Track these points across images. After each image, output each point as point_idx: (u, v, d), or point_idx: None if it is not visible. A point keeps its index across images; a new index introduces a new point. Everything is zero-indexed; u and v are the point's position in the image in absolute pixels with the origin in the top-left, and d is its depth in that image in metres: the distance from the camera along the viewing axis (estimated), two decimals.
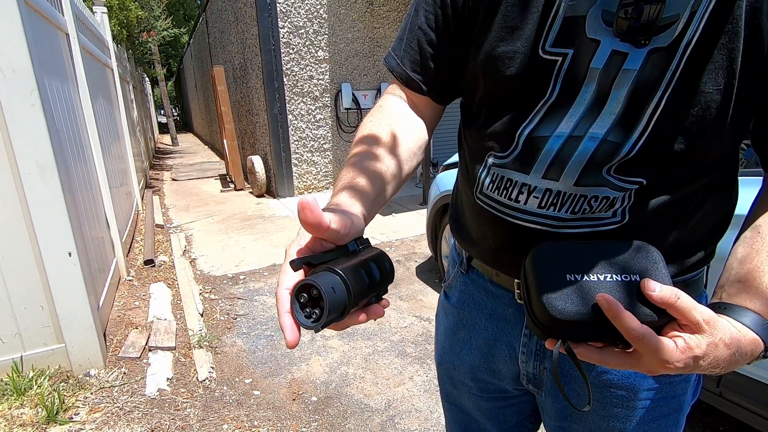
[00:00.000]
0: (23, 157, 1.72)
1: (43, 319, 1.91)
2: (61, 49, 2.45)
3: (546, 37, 0.49)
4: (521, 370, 0.64)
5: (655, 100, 0.46)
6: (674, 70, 0.45)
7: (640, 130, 0.47)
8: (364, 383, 2.01)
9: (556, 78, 0.49)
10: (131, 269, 3.20)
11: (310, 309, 0.40)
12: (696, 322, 0.40)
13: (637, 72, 0.46)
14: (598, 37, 0.47)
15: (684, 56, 0.44)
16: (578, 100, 0.49)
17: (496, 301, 0.65)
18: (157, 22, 11.44)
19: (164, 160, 10.52)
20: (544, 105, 0.51)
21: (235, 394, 1.94)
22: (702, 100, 0.45)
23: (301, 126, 5.69)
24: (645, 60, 0.45)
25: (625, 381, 0.58)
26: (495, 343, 0.66)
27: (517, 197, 0.55)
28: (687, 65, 0.44)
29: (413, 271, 3.27)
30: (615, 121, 0.48)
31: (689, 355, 0.39)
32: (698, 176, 0.51)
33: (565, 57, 0.49)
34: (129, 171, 4.64)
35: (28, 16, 1.74)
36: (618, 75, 0.46)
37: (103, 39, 4.22)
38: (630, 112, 0.47)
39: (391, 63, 0.63)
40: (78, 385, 1.91)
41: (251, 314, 2.68)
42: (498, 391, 0.70)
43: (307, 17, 5.36)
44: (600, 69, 0.47)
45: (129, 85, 6.72)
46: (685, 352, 0.39)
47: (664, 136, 0.47)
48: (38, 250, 1.82)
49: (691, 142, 0.47)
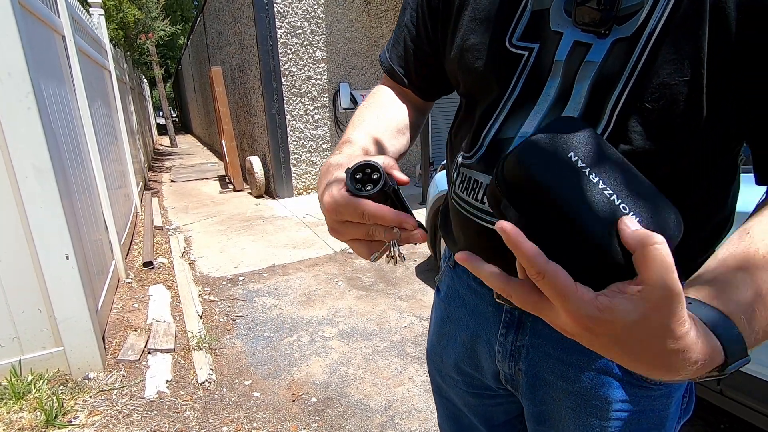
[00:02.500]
0: (20, 160, 1.71)
1: (41, 323, 1.90)
2: (58, 51, 2.45)
3: (513, 31, 0.48)
4: (499, 369, 0.64)
5: (616, 93, 0.43)
6: (636, 61, 0.42)
7: (602, 127, 0.44)
8: (364, 384, 2.01)
9: (521, 73, 0.48)
10: (130, 271, 3.19)
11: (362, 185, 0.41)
12: (655, 284, 0.28)
13: (599, 64, 0.44)
14: (560, 29, 0.46)
15: (647, 46, 0.41)
16: (542, 97, 0.47)
17: (477, 297, 0.66)
18: (155, 23, 11.42)
19: (163, 162, 10.51)
20: (507, 102, 0.50)
21: (235, 396, 1.94)
22: (667, 93, 0.41)
23: (299, 126, 5.69)
24: (608, 52, 0.43)
25: (600, 391, 0.55)
26: (476, 339, 0.66)
27: (482, 198, 0.53)
28: (650, 56, 0.41)
29: (413, 271, 3.26)
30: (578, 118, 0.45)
31: (606, 317, 0.29)
32: (684, 178, 0.46)
33: (531, 51, 0.48)
34: (127, 173, 4.64)
35: (23, 18, 1.73)
36: (580, 67, 0.45)
37: (100, 41, 4.21)
38: (592, 108, 0.45)
39: (381, 57, 0.68)
40: (77, 388, 1.91)
41: (250, 315, 2.68)
42: (483, 387, 0.70)
43: (305, 17, 5.35)
44: (563, 61, 0.45)
45: (127, 87, 6.71)
46: (603, 311, 0.29)
47: (629, 133, 0.44)
48: (35, 253, 1.81)
49: (660, 140, 0.43)
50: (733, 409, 1.41)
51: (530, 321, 0.59)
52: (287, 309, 2.75)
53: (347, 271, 3.30)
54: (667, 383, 0.55)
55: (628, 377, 0.55)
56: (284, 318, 2.63)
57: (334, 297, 2.89)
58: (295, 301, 2.85)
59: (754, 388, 1.33)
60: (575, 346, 0.56)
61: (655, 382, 0.55)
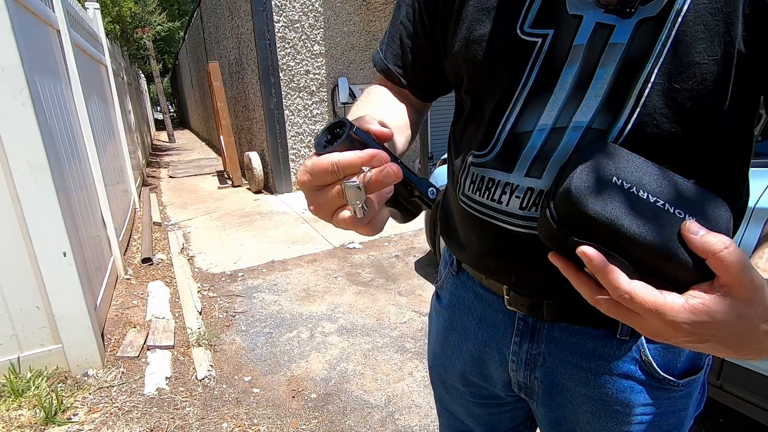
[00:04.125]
0: (15, 156, 1.69)
1: (40, 320, 1.90)
2: (53, 46, 2.42)
3: (525, 17, 0.46)
4: (512, 378, 0.61)
5: (644, 75, 0.42)
6: (664, 41, 0.41)
7: (628, 113, 0.43)
8: (364, 379, 2.01)
9: (534, 62, 0.46)
10: (129, 268, 3.19)
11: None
12: (740, 284, 0.31)
13: (625, 46, 0.42)
14: (580, 12, 0.44)
15: (675, 25, 0.40)
16: (559, 85, 0.45)
17: (485, 305, 0.62)
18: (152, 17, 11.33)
19: (161, 157, 10.47)
20: (521, 94, 0.48)
21: (235, 393, 1.94)
22: (696, 72, 0.40)
23: (298, 121, 5.66)
24: (633, 32, 0.42)
25: (621, 396, 0.54)
26: (485, 348, 0.63)
27: (500, 198, 0.51)
28: (678, 35, 0.40)
29: (412, 266, 3.26)
30: (600, 105, 0.44)
31: (703, 319, 0.32)
32: (701, 168, 0.46)
33: (545, 38, 0.45)
34: (125, 168, 4.61)
35: (16, 12, 1.71)
36: (604, 51, 0.43)
37: (96, 35, 4.17)
38: (616, 92, 0.43)
39: (375, 58, 0.64)
40: (76, 385, 1.90)
41: (250, 311, 2.68)
42: (491, 396, 0.68)
43: (303, 11, 5.31)
44: (584, 46, 0.44)
45: (124, 82, 6.67)
46: (699, 314, 0.32)
47: (656, 116, 0.43)
48: (33, 250, 1.80)
49: (687, 123, 0.43)
50: (732, 403, 1.42)
51: (545, 329, 0.57)
52: (286, 305, 2.75)
53: (346, 267, 3.30)
54: (689, 383, 0.55)
55: (651, 380, 0.54)
56: (284, 314, 2.63)
57: (334, 293, 2.89)
58: (295, 297, 2.85)
59: (754, 383, 1.33)
60: (594, 352, 0.54)
61: (678, 384, 0.54)
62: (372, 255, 3.51)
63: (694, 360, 0.55)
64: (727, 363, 1.39)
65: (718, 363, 1.40)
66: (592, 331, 0.54)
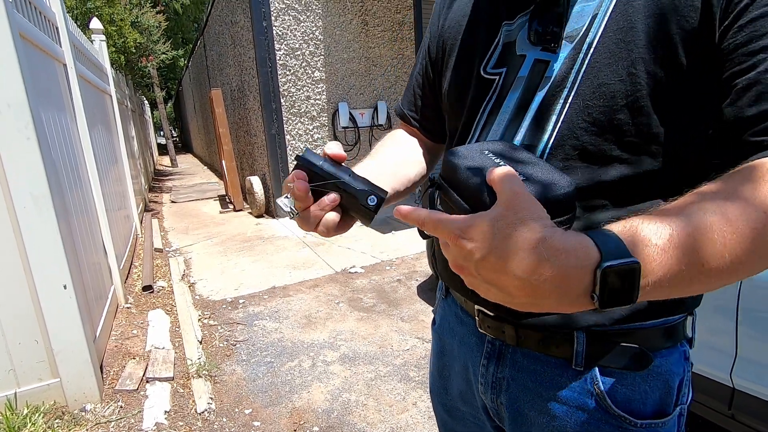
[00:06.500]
0: (18, 190, 1.71)
1: (38, 354, 1.87)
2: (59, 79, 2.47)
3: (488, 61, 0.57)
4: (484, 401, 0.63)
5: (564, 95, 0.50)
6: (578, 68, 0.49)
7: (551, 129, 0.51)
8: (367, 410, 1.97)
9: (492, 95, 0.57)
10: (129, 296, 3.17)
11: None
12: (501, 191, 0.37)
13: (554, 76, 0.51)
14: (524, 52, 0.54)
15: (588, 55, 0.49)
16: (503, 108, 0.55)
17: (463, 327, 0.66)
18: (156, 46, 11.59)
19: (164, 182, 10.54)
20: (479, 123, 0.58)
21: (235, 426, 1.89)
22: (606, 91, 0.48)
23: (299, 146, 5.71)
24: (562, 64, 0.51)
25: (577, 429, 0.55)
26: (466, 369, 0.66)
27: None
28: (590, 62, 0.49)
29: (414, 291, 3.23)
30: (530, 124, 0.52)
31: (469, 223, 0.36)
32: (645, 189, 0.49)
33: (501, 75, 0.56)
34: (127, 194, 4.64)
35: (24, 49, 1.75)
36: (541, 81, 0.52)
37: (102, 66, 4.27)
38: (543, 113, 0.52)
39: (396, 107, 0.81)
40: (73, 420, 1.86)
41: (251, 340, 2.64)
42: (482, 420, 0.68)
43: (303, 39, 5.43)
44: (525, 76, 0.53)
45: (128, 110, 6.78)
46: (466, 220, 0.37)
47: (576, 130, 0.50)
48: (33, 283, 1.79)
49: (606, 135, 0.48)
50: None
51: (509, 352, 0.58)
52: (288, 332, 2.71)
53: (348, 292, 3.27)
54: (649, 426, 0.53)
55: (606, 416, 0.53)
56: (285, 342, 2.59)
57: (336, 319, 2.86)
58: (296, 324, 2.81)
59: (767, 413, 1.29)
60: (552, 380, 0.56)
61: (635, 423, 0.53)
62: (374, 279, 3.48)
63: (661, 404, 0.54)
64: (739, 392, 1.36)
65: (728, 392, 1.37)
66: (551, 359, 0.56)
